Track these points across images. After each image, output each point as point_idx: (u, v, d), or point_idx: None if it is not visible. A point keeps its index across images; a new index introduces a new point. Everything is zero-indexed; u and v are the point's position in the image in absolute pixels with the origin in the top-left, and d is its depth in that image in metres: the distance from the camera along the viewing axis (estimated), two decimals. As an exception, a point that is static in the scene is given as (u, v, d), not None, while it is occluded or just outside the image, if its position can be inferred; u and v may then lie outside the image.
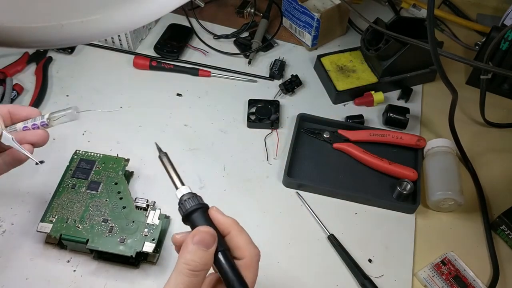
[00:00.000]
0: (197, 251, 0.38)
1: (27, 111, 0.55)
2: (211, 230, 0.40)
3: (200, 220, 0.41)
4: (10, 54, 0.88)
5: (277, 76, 0.88)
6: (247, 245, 0.41)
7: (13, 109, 0.54)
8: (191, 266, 0.38)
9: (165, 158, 0.46)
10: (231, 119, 0.82)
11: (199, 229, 0.40)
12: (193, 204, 0.42)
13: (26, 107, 0.55)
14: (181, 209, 0.42)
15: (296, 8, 0.91)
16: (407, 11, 1.03)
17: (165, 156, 0.46)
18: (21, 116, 0.54)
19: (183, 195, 0.43)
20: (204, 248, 0.38)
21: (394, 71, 0.85)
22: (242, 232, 0.42)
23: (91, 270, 0.63)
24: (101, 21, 0.35)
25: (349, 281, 0.64)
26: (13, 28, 0.34)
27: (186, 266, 0.38)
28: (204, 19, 0.99)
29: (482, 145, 0.81)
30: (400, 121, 0.81)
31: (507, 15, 0.89)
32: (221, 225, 0.42)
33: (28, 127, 0.54)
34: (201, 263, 0.38)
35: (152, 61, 0.88)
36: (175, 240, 0.42)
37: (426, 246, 0.68)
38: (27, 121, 0.54)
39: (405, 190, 0.71)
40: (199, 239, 0.38)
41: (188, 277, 0.38)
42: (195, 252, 0.38)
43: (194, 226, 0.41)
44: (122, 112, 0.82)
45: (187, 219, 0.42)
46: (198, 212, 0.42)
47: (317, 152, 0.78)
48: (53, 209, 0.64)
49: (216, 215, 0.42)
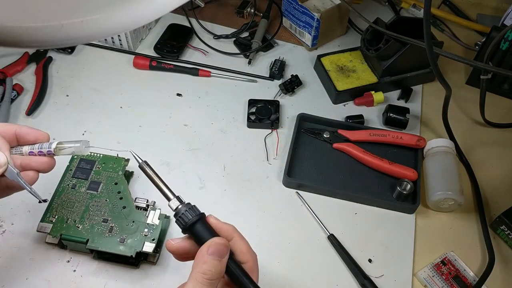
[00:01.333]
0: (213, 261, 0.41)
1: (35, 135, 0.52)
2: (225, 242, 0.42)
3: (203, 230, 0.43)
4: (10, 54, 0.88)
5: (277, 76, 0.88)
6: (249, 250, 0.44)
7: (20, 131, 0.51)
8: (208, 275, 0.40)
9: (146, 167, 0.45)
10: (231, 119, 0.82)
11: (214, 240, 0.42)
12: (192, 216, 0.43)
13: (35, 130, 0.52)
14: (180, 222, 0.43)
15: (296, 8, 0.91)
16: (407, 11, 1.03)
17: (145, 165, 0.45)
18: (28, 139, 0.52)
19: (178, 208, 0.44)
20: (219, 258, 0.41)
21: (394, 71, 0.85)
22: (242, 238, 0.45)
23: (91, 270, 0.63)
24: (101, 21, 0.35)
25: (349, 281, 0.64)
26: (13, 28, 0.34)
27: (203, 275, 0.40)
28: (204, 19, 0.99)
29: (482, 145, 0.81)
30: (400, 121, 0.81)
31: (507, 15, 0.89)
32: (223, 232, 0.44)
33: (34, 153, 0.52)
34: (216, 272, 0.41)
35: (152, 61, 0.88)
36: (172, 247, 0.44)
37: (426, 246, 0.68)
38: (34, 146, 0.52)
39: (405, 190, 0.71)
40: (215, 250, 0.41)
41: (206, 286, 0.40)
42: (211, 263, 0.41)
43: (198, 237, 0.43)
44: (122, 112, 0.82)
45: (188, 231, 0.43)
46: (199, 223, 0.43)
47: (317, 152, 0.78)
48: (53, 209, 0.64)
49: (217, 223, 0.45)
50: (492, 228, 0.70)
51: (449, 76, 0.91)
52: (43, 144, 0.52)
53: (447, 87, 0.73)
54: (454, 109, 0.86)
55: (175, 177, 0.73)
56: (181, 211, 0.43)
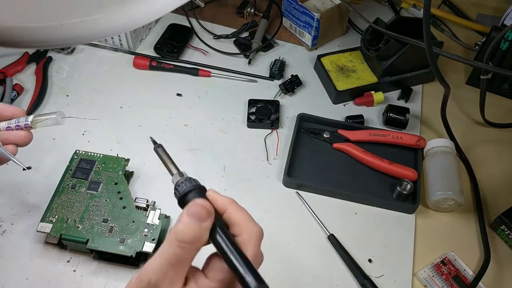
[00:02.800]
0: (189, 223, 0.36)
1: (11, 110, 0.55)
2: (207, 204, 0.38)
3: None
4: (10, 54, 0.88)
5: (277, 76, 0.88)
6: (246, 222, 0.39)
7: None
8: (180, 236, 0.35)
9: (160, 149, 0.46)
10: (231, 119, 0.82)
11: (196, 201, 0.38)
12: (188, 186, 0.40)
13: (11, 106, 0.55)
14: (176, 193, 0.41)
15: (296, 8, 0.91)
16: (407, 11, 1.03)
17: (160, 148, 0.46)
18: (5, 115, 0.54)
19: (178, 180, 0.41)
20: (197, 221, 0.36)
21: (394, 71, 0.85)
22: (240, 210, 0.40)
23: (91, 270, 0.63)
24: (101, 21, 0.35)
25: (349, 281, 0.64)
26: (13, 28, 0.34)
27: (175, 235, 0.36)
28: (204, 19, 0.99)
29: (482, 145, 0.81)
30: (400, 121, 0.81)
31: (507, 15, 0.89)
32: (219, 204, 0.40)
33: (11, 127, 0.55)
34: (190, 235, 0.36)
35: (152, 61, 0.88)
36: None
37: (426, 246, 0.68)
38: (11, 121, 0.55)
39: (405, 190, 0.71)
40: (193, 211, 0.36)
41: (174, 247, 0.35)
42: (187, 224, 0.36)
43: None
44: (122, 112, 0.82)
45: (183, 203, 0.40)
46: (194, 192, 0.40)
47: (317, 152, 0.78)
48: (53, 209, 0.64)
49: (213, 195, 0.40)
50: (492, 228, 0.70)
51: (449, 76, 0.91)
52: (20, 119, 0.55)
53: (446, 86, 0.73)
54: (454, 109, 0.86)
55: (175, 177, 0.73)
56: (178, 183, 0.41)
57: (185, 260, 0.36)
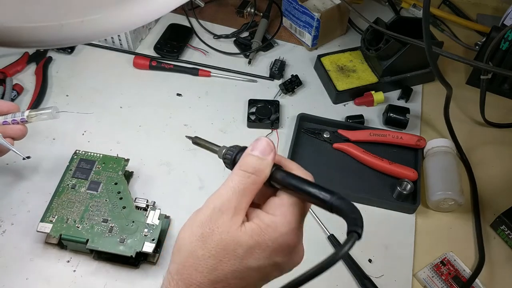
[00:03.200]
0: (253, 157, 0.38)
1: (7, 106, 0.58)
2: (270, 141, 0.39)
3: None
4: (10, 54, 0.88)
5: (277, 76, 0.88)
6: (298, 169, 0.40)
7: None
8: (243, 167, 0.37)
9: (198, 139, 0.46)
10: (231, 119, 0.82)
11: (258, 139, 0.39)
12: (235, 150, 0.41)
13: (7, 102, 0.59)
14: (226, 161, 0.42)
15: (296, 8, 0.91)
16: (407, 11, 1.03)
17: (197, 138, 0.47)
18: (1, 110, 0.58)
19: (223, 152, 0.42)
20: (260, 154, 0.38)
21: (394, 71, 0.85)
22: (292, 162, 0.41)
23: (91, 270, 0.63)
24: (101, 21, 0.35)
25: (349, 281, 0.64)
26: (13, 28, 0.34)
27: (239, 166, 0.38)
28: (204, 19, 0.99)
29: (482, 145, 0.81)
30: (400, 121, 0.81)
31: (507, 15, 0.89)
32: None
33: (8, 122, 0.58)
34: (254, 164, 0.37)
35: (152, 61, 0.88)
36: None
37: (426, 246, 0.68)
38: (7, 116, 0.58)
39: (405, 190, 0.71)
40: (257, 146, 0.38)
41: (239, 177, 0.37)
42: (252, 158, 0.38)
43: None
44: (122, 112, 0.82)
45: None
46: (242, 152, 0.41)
47: (317, 152, 0.78)
48: (53, 209, 0.63)
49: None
50: (492, 228, 0.70)
51: (449, 76, 0.91)
52: (16, 114, 0.58)
53: (448, 86, 0.73)
54: (454, 109, 0.86)
55: (175, 177, 0.73)
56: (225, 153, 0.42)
57: (248, 190, 0.37)
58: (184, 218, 0.38)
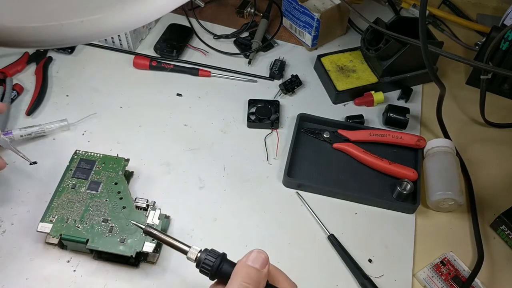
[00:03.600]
0: (252, 269, 0.40)
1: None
2: (264, 253, 0.42)
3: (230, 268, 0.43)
4: (10, 54, 0.88)
5: (277, 76, 0.88)
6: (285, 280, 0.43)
7: None
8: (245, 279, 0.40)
9: (151, 229, 0.46)
10: (231, 119, 0.82)
11: (253, 251, 0.42)
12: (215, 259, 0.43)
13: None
14: (204, 269, 0.43)
15: (296, 8, 0.91)
16: (407, 11, 1.03)
17: (150, 228, 0.46)
18: None
19: (198, 256, 0.43)
20: (258, 267, 0.41)
21: (394, 71, 0.85)
22: (278, 270, 0.44)
23: (91, 270, 0.63)
24: (101, 21, 0.35)
25: (349, 281, 0.64)
26: (13, 28, 0.34)
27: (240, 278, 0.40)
28: (204, 19, 0.99)
29: (482, 145, 0.81)
30: (400, 121, 0.81)
31: (507, 15, 0.89)
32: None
33: None
34: (255, 279, 0.40)
35: (152, 61, 0.88)
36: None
37: (426, 246, 0.68)
38: None
39: (405, 190, 0.71)
40: (254, 258, 0.41)
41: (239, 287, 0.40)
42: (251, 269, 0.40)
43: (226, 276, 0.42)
44: (122, 112, 0.82)
45: (216, 275, 0.43)
46: (225, 263, 0.43)
47: (317, 152, 0.78)
48: (53, 209, 0.64)
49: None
50: (492, 228, 0.70)
51: (449, 76, 0.91)
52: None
53: (441, 86, 0.73)
54: (454, 109, 0.86)
55: (175, 177, 0.73)
56: (202, 259, 0.43)
57: None
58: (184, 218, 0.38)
